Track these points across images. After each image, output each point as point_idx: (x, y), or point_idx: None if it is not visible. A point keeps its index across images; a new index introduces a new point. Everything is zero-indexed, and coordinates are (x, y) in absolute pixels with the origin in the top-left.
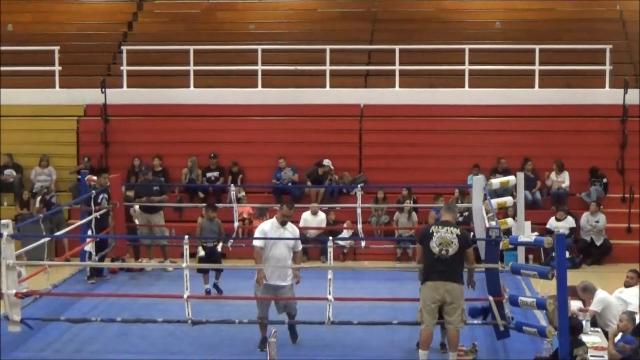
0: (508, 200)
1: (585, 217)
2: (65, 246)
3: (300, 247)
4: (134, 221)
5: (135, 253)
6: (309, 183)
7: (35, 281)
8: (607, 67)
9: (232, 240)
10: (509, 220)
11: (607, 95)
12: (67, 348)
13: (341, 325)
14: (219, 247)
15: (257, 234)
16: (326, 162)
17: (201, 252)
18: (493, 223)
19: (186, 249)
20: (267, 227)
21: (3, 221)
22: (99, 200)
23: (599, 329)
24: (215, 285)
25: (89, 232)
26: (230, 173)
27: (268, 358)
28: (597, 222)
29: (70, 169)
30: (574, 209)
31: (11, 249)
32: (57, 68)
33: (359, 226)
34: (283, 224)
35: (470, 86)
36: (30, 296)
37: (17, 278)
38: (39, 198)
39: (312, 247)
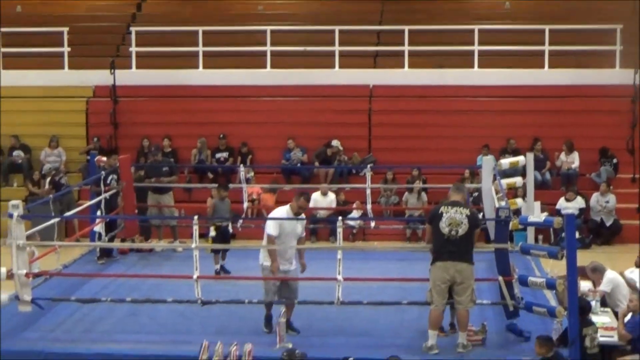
0: (517, 180)
1: (595, 197)
2: (75, 227)
3: (304, 233)
4: (144, 202)
5: (145, 234)
6: (317, 164)
7: (45, 261)
8: (618, 48)
9: (241, 221)
10: (519, 200)
11: (618, 76)
12: (77, 328)
13: (350, 305)
14: (230, 228)
15: (271, 222)
16: (335, 142)
17: (212, 233)
18: (502, 203)
19: (196, 230)
20: (281, 215)
21: (13, 202)
22: (108, 181)
23: (608, 309)
24: (222, 267)
25: (99, 213)
26: (240, 154)
27: (277, 338)
28: (607, 202)
29: (80, 149)
30: (584, 190)
31: (21, 229)
32: (66, 49)
33: (369, 206)
34: (297, 214)
35: (480, 67)
36: (40, 276)
37: (30, 258)
38: (48, 179)
39: (321, 228)
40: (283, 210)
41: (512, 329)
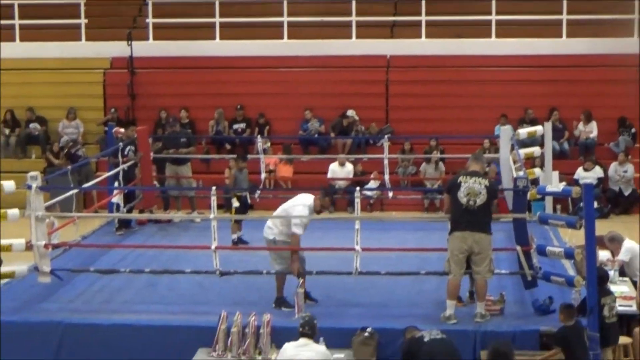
0: (535, 150)
1: (613, 167)
2: (94, 198)
3: None
4: (162, 173)
5: (164, 204)
6: (333, 135)
7: (64, 233)
8: (636, 16)
9: (259, 191)
10: (537, 170)
11: (636, 45)
12: (96, 299)
13: (368, 275)
14: (248, 198)
15: (299, 221)
16: (350, 112)
17: (236, 203)
18: (520, 173)
19: (214, 201)
20: (305, 213)
21: (32, 173)
22: (125, 152)
23: (627, 279)
24: (240, 238)
25: (117, 184)
26: (257, 124)
27: (296, 308)
28: (626, 172)
29: (97, 121)
30: (602, 159)
31: (40, 200)
32: (83, 21)
33: (386, 177)
34: (318, 212)
35: (497, 36)
36: (59, 247)
37: (49, 229)
38: (65, 151)
39: (339, 198)
40: (306, 209)
41: (537, 307)
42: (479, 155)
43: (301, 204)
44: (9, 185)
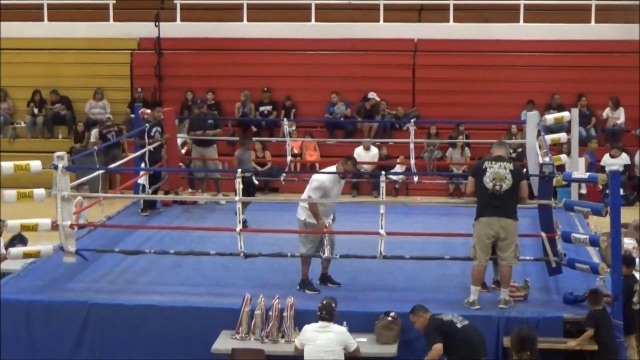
0: (562, 136)
1: (639, 155)
2: (117, 179)
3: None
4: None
5: (190, 186)
6: (359, 119)
7: (90, 213)
8: None
9: (284, 174)
10: (563, 156)
11: None
12: (121, 279)
13: (393, 259)
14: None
15: (317, 188)
16: (371, 94)
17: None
18: (547, 159)
19: (239, 183)
20: (326, 180)
21: (58, 153)
22: (152, 134)
23: None
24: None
25: (143, 165)
26: (283, 107)
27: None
28: None
29: (124, 102)
30: (629, 146)
31: (66, 181)
32: (111, 1)
33: (412, 161)
34: (343, 178)
35: (525, 21)
36: (85, 228)
37: (78, 208)
38: (95, 130)
39: (364, 182)
40: (329, 177)
41: (568, 300)
42: (503, 141)
43: (325, 171)
44: (35, 164)
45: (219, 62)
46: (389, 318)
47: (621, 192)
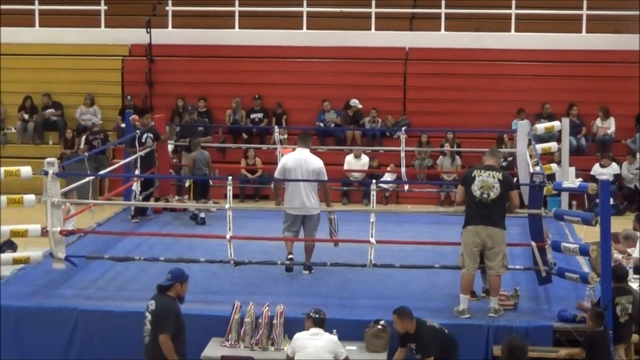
0: (553, 145)
1: (624, 166)
2: (106, 185)
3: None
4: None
5: (177, 192)
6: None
7: (80, 219)
8: None
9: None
10: (553, 165)
11: None
12: (111, 286)
13: (383, 268)
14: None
15: (279, 167)
16: (353, 102)
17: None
18: (537, 168)
19: (229, 190)
20: (289, 160)
21: (48, 159)
22: (143, 140)
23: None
24: (196, 215)
25: (135, 172)
26: (274, 115)
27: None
28: (638, 169)
29: (115, 108)
30: (620, 156)
31: (56, 187)
32: (102, 7)
33: (403, 169)
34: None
35: (517, 30)
36: (75, 234)
37: (65, 215)
38: (84, 137)
39: (354, 190)
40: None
41: (563, 317)
42: (495, 150)
43: (315, 158)
44: (26, 170)
45: (210, 69)
46: (379, 326)
47: (611, 201)
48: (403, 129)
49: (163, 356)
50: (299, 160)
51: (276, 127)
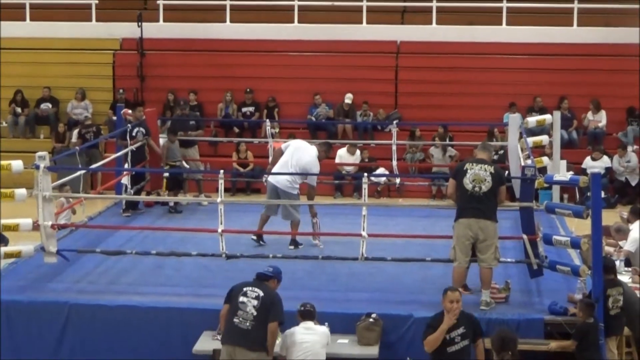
0: (544, 139)
1: (615, 160)
2: (99, 179)
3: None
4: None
5: (167, 187)
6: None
7: (71, 213)
8: None
9: (266, 176)
10: (545, 159)
11: None
12: (102, 280)
13: (375, 261)
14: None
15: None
16: (348, 97)
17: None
18: (529, 161)
19: (221, 184)
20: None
21: (40, 153)
22: (134, 134)
23: (631, 269)
24: (172, 207)
25: (126, 166)
26: (266, 108)
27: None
28: (629, 162)
29: (106, 102)
30: (611, 149)
31: (48, 181)
32: (93, 1)
33: (394, 163)
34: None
35: (508, 24)
36: (66, 228)
37: (59, 208)
38: (76, 131)
39: (346, 184)
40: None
41: (554, 311)
42: (486, 144)
43: (312, 158)
44: (17, 164)
45: (201, 62)
46: (371, 319)
47: (602, 194)
48: (394, 122)
49: (264, 343)
50: (300, 148)
51: (267, 120)
